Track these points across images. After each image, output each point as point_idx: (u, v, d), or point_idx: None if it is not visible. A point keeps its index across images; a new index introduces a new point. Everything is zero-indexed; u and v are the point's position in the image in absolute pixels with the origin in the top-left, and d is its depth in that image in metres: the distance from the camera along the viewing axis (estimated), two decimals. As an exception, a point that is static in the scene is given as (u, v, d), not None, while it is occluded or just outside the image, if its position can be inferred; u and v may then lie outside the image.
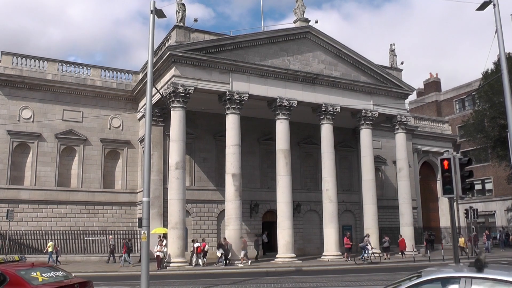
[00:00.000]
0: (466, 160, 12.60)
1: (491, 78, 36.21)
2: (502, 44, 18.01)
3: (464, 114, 51.44)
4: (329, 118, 34.61)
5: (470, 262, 6.64)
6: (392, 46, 40.32)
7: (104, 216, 34.84)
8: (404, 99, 39.32)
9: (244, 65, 31.82)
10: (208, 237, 34.63)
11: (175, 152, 29.50)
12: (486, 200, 51.87)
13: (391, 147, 42.18)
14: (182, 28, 31.00)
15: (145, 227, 17.72)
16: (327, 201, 33.86)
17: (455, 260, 12.25)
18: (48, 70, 34.98)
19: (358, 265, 30.29)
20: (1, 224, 31.03)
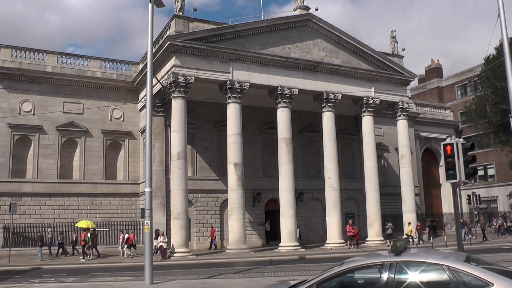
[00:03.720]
0: (469, 145, 12.52)
1: (493, 63, 36.01)
2: (504, 29, 17.84)
3: (466, 100, 51.24)
4: (331, 106, 34.50)
5: (391, 248, 6.90)
6: (393, 32, 40.13)
7: (107, 207, 34.86)
8: (405, 86, 39.18)
9: (245, 54, 31.68)
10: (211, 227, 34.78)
11: (176, 142, 29.46)
12: (488, 186, 51.82)
13: (393, 134, 42.05)
14: (182, 18, 30.84)
15: (148, 217, 17.73)
16: (329, 189, 33.85)
17: (458, 246, 12.20)
18: (47, 62, 34.85)
19: (361, 252, 30.30)
20: (4, 217, 31.03)
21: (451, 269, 6.18)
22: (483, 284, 5.93)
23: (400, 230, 36.62)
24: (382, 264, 6.64)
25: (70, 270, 24.19)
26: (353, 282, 6.97)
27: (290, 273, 19.68)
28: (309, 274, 19.10)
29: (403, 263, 6.56)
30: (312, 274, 18.86)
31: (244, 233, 30.47)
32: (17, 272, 23.84)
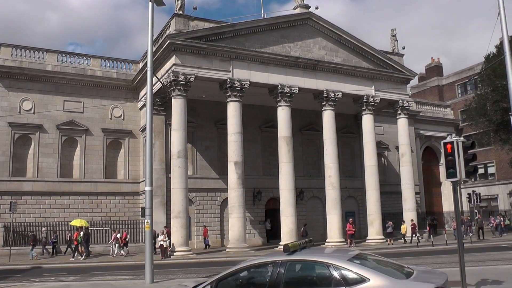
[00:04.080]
0: (470, 143, 12.46)
1: (494, 61, 35.98)
2: (505, 27, 17.82)
3: (466, 98, 51.26)
4: (331, 104, 34.49)
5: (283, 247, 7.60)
6: (393, 31, 40.11)
7: (107, 206, 34.86)
8: (405, 84, 39.18)
9: (245, 53, 31.67)
10: (212, 226, 34.81)
11: (176, 140, 29.46)
12: (489, 184, 51.84)
13: (393, 133, 42.06)
14: (182, 16, 30.83)
15: (148, 216, 17.74)
16: (330, 188, 33.86)
17: (458, 244, 12.18)
18: (47, 61, 34.83)
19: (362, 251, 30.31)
20: (4, 216, 31.05)
21: (334, 266, 6.96)
22: (360, 279, 6.72)
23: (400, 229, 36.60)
24: (275, 263, 7.34)
25: (70, 269, 24.20)
26: (249, 279, 7.68)
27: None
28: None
29: (293, 261, 7.36)
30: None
31: (244, 232, 30.47)
32: (18, 271, 23.86)
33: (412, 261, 22.90)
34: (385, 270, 7.13)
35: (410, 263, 21.31)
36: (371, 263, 7.41)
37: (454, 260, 19.26)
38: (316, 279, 7.21)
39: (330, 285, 6.89)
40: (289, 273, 7.22)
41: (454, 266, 18.09)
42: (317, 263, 7.30)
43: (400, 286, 6.67)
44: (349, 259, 7.21)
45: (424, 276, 7.39)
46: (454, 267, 17.14)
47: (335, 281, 6.84)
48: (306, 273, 7.39)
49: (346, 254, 7.75)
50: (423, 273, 7.66)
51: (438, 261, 22.28)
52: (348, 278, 6.82)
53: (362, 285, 6.68)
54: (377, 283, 6.63)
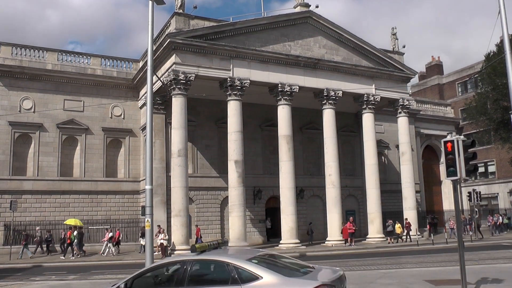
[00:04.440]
0: (470, 142, 12.47)
1: (494, 60, 35.95)
2: (505, 25, 17.80)
3: (467, 97, 51.17)
4: (331, 103, 34.49)
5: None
6: (394, 29, 40.10)
7: (107, 205, 34.88)
8: (406, 83, 39.17)
9: (245, 51, 31.65)
10: (212, 224, 34.83)
11: (177, 139, 29.46)
12: (489, 183, 51.80)
13: (393, 131, 42.06)
14: (182, 15, 30.81)
15: (149, 215, 17.68)
16: (330, 186, 33.86)
17: (458, 242, 12.18)
18: (48, 60, 34.82)
19: (362, 249, 30.35)
20: (5, 215, 31.10)
21: (232, 265, 7.77)
22: (254, 277, 7.53)
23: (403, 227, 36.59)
24: (183, 261, 8.29)
25: (71, 267, 24.23)
26: (161, 276, 8.50)
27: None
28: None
29: (197, 261, 8.24)
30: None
31: (244, 230, 30.47)
32: (18, 270, 23.89)
33: (412, 259, 22.95)
34: (280, 269, 8.00)
35: (410, 262, 21.42)
36: (269, 263, 8.25)
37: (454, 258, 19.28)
38: (216, 277, 8.10)
39: (227, 282, 7.66)
40: (193, 271, 8.07)
41: (454, 264, 18.11)
42: (218, 262, 8.15)
43: (287, 282, 7.45)
44: (247, 259, 8.00)
45: (316, 274, 8.10)
46: (455, 266, 17.17)
47: (232, 279, 7.65)
48: (207, 271, 8.30)
49: (247, 254, 8.55)
50: (318, 271, 8.36)
51: (438, 259, 22.32)
52: (244, 276, 7.63)
53: (255, 282, 7.50)
54: (268, 280, 7.47)
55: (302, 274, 8.03)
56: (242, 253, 9.03)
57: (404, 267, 19.44)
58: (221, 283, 7.79)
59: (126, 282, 8.24)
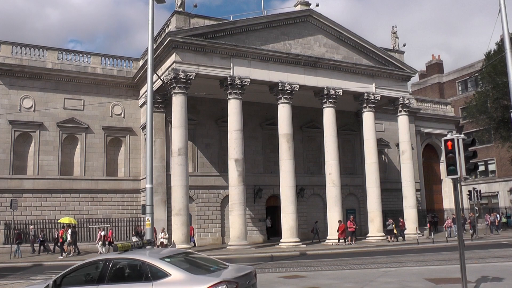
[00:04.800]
0: (470, 140, 12.46)
1: (494, 58, 35.95)
2: (505, 24, 17.80)
3: (467, 96, 51.23)
4: (331, 101, 34.48)
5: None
6: (394, 28, 40.08)
7: (107, 204, 34.89)
8: (406, 82, 39.16)
9: (245, 50, 31.64)
10: (212, 223, 34.85)
11: (177, 138, 29.46)
12: (489, 181, 51.83)
13: (394, 130, 42.04)
14: (182, 14, 30.79)
15: (149, 213, 17.75)
16: (330, 185, 33.86)
17: (459, 240, 12.18)
18: (48, 58, 34.81)
19: (362, 248, 30.36)
20: (5, 214, 31.14)
21: (146, 263, 8.52)
22: (165, 274, 8.24)
23: (401, 225, 36.63)
24: (106, 260, 8.97)
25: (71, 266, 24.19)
26: (87, 273, 9.08)
27: (291, 269, 19.70)
28: (310, 270, 19.15)
29: (118, 259, 8.92)
30: (312, 270, 18.94)
31: (245, 229, 30.48)
32: (18, 269, 23.90)
33: (412, 258, 22.95)
34: (190, 267, 8.74)
35: (410, 260, 21.42)
36: (182, 261, 8.97)
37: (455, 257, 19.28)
38: (133, 274, 8.77)
39: (141, 279, 8.42)
40: (114, 268, 8.78)
41: (454, 263, 18.12)
42: (135, 260, 8.82)
43: (191, 279, 8.17)
44: (161, 258, 8.74)
45: (222, 272, 8.77)
46: (455, 264, 17.18)
47: (146, 276, 8.39)
48: (126, 269, 8.93)
49: (163, 253, 9.33)
50: (226, 269, 9.07)
51: (438, 258, 22.33)
52: (156, 273, 8.34)
53: (164, 279, 8.22)
54: (176, 277, 8.19)
55: (209, 272, 8.74)
56: (159, 252, 9.58)
57: (404, 266, 19.45)
58: (136, 280, 8.53)
59: (55, 279, 8.97)
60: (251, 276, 9.11)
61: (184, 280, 8.17)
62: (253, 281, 9.15)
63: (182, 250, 10.23)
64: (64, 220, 30.47)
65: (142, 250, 9.68)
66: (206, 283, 7.99)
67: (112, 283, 8.54)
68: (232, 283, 8.12)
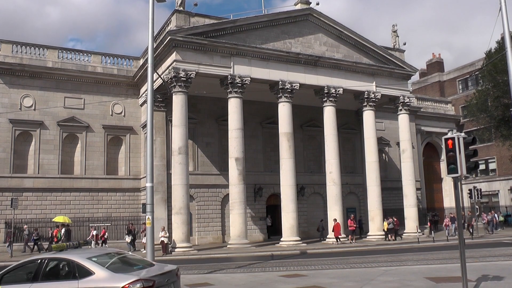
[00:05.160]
0: (471, 139, 12.46)
1: (494, 57, 35.92)
2: (506, 22, 17.77)
3: (467, 94, 51.17)
4: (332, 100, 34.46)
5: None
6: (394, 26, 40.05)
7: (108, 202, 34.89)
8: (407, 80, 39.14)
9: (246, 49, 31.62)
10: (213, 222, 34.86)
11: (177, 137, 29.46)
12: (490, 180, 51.80)
13: (394, 129, 42.02)
14: (182, 13, 30.76)
15: (149, 212, 17.78)
16: (331, 184, 33.85)
17: (459, 239, 12.18)
18: (48, 57, 34.80)
19: (362, 247, 30.36)
20: (5, 212, 31.17)
21: (74, 262, 9.25)
22: (89, 273, 8.98)
23: (401, 224, 36.64)
24: (41, 259, 9.65)
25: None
26: (25, 272, 9.62)
27: (292, 268, 19.70)
28: (310, 269, 19.15)
29: (51, 258, 9.64)
30: (313, 269, 18.94)
31: (245, 228, 30.48)
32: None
33: (413, 257, 22.95)
34: (114, 266, 9.38)
35: (411, 259, 21.41)
36: (107, 260, 9.60)
37: (455, 256, 19.30)
38: (63, 273, 9.45)
39: (70, 277, 9.14)
40: (47, 267, 9.45)
41: (455, 262, 18.13)
42: (66, 260, 9.50)
43: (112, 277, 8.90)
44: (88, 257, 9.43)
45: (142, 271, 9.51)
46: (455, 263, 17.18)
47: (73, 274, 9.11)
48: (58, 268, 9.57)
49: (91, 253, 10.01)
50: (147, 268, 9.84)
51: (438, 257, 22.33)
52: (82, 272, 9.06)
53: (89, 277, 8.94)
54: (99, 276, 8.92)
55: (131, 271, 9.39)
56: (88, 253, 10.14)
57: (405, 265, 19.44)
58: (66, 278, 9.23)
59: None
60: (172, 275, 9.77)
61: (106, 278, 8.90)
62: (173, 279, 9.77)
63: (114, 251, 10.91)
64: (58, 219, 30.38)
65: (75, 250, 10.36)
66: (124, 281, 8.73)
67: (45, 281, 9.21)
68: (148, 281, 8.84)
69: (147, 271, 9.54)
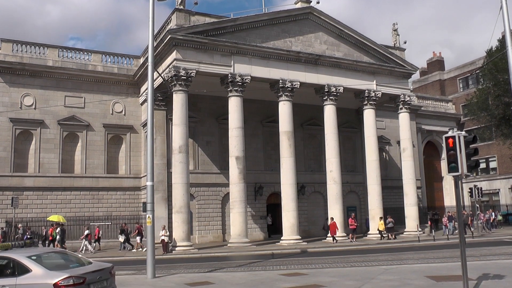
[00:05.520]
0: (471, 137, 12.45)
1: (495, 55, 35.87)
2: (507, 21, 17.76)
3: (468, 93, 51.12)
4: (332, 99, 34.44)
5: None
6: (395, 25, 40.01)
7: (108, 201, 34.89)
8: (407, 79, 39.09)
9: (246, 47, 31.59)
10: (213, 221, 34.86)
11: (178, 136, 29.45)
12: (490, 179, 51.79)
13: (394, 127, 42.00)
14: (183, 11, 30.74)
15: (150, 211, 17.78)
16: (331, 182, 33.85)
17: (460, 237, 12.18)
18: (48, 56, 34.79)
19: (363, 246, 30.36)
20: (6, 211, 31.17)
21: (15, 260, 9.97)
22: (27, 270, 9.74)
23: (402, 223, 36.65)
24: None
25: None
26: None
27: (292, 267, 19.69)
28: (311, 267, 19.15)
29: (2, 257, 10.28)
30: (313, 268, 18.93)
31: (246, 226, 30.48)
32: None
33: (413, 255, 22.95)
34: (50, 264, 10.25)
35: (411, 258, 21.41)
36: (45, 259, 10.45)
37: (456, 254, 19.31)
38: (5, 270, 10.02)
39: (10, 274, 9.85)
40: None
41: (455, 260, 18.12)
42: (8, 258, 10.16)
43: (47, 274, 9.66)
44: (28, 256, 10.15)
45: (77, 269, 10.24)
46: (456, 262, 17.18)
47: (13, 271, 9.85)
48: (2, 266, 10.11)
49: (32, 252, 10.66)
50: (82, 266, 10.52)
51: (439, 255, 22.32)
52: (22, 269, 9.81)
53: (26, 274, 9.71)
54: (36, 273, 9.70)
55: (67, 268, 10.16)
56: (29, 252, 10.74)
57: (405, 263, 19.44)
58: (6, 275, 9.87)
59: None
60: (104, 273, 10.53)
61: (41, 275, 9.67)
62: (106, 277, 10.51)
63: (55, 250, 12.04)
64: (53, 218, 30.28)
65: (19, 249, 11.18)
66: (57, 277, 9.53)
67: None
68: (79, 278, 9.68)
69: (81, 269, 10.29)
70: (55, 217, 30.36)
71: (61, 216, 30.88)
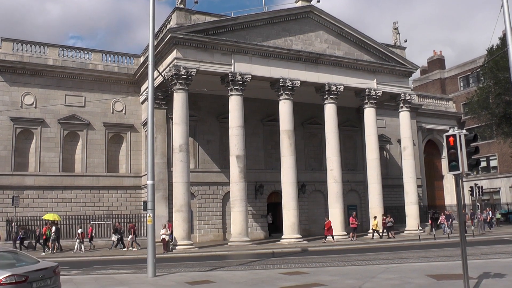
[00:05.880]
0: (472, 136, 12.42)
1: (496, 54, 35.84)
2: (508, 19, 17.73)
3: (469, 91, 51.07)
4: (333, 97, 34.43)
5: None
6: (395, 24, 39.98)
7: (109, 200, 34.91)
8: (407, 77, 39.06)
9: (246, 46, 31.57)
10: (214, 219, 34.85)
11: (178, 134, 29.45)
12: (491, 177, 51.77)
13: (395, 126, 41.98)
14: (183, 10, 30.73)
15: (150, 210, 17.78)
16: (332, 181, 33.84)
17: (460, 236, 12.16)
18: (49, 55, 34.79)
19: (363, 244, 30.36)
20: (7, 210, 31.19)
21: None
22: None
23: (402, 222, 36.64)
24: None
25: (73, 263, 24.25)
26: None
27: (292, 265, 19.69)
28: (311, 266, 19.15)
29: None
30: (314, 266, 18.93)
31: (246, 225, 30.48)
32: None
33: (414, 254, 22.95)
34: None
35: (412, 257, 21.40)
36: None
37: (456, 253, 19.32)
38: None
39: None
40: None
41: (456, 259, 18.12)
42: None
43: None
44: None
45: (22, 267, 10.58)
46: (457, 260, 17.17)
47: None
48: None
49: None
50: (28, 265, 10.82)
51: (440, 254, 22.31)
52: None
53: None
54: None
55: (12, 267, 10.46)
56: None
57: (406, 262, 19.45)
58: None
59: None
60: (48, 271, 10.79)
61: None
62: (49, 275, 10.77)
63: (7, 249, 12.25)
64: (48, 217, 30.26)
65: None
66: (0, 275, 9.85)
67: None
68: (21, 276, 9.99)
69: (24, 267, 10.56)
70: (51, 215, 30.36)
71: (57, 214, 30.88)
